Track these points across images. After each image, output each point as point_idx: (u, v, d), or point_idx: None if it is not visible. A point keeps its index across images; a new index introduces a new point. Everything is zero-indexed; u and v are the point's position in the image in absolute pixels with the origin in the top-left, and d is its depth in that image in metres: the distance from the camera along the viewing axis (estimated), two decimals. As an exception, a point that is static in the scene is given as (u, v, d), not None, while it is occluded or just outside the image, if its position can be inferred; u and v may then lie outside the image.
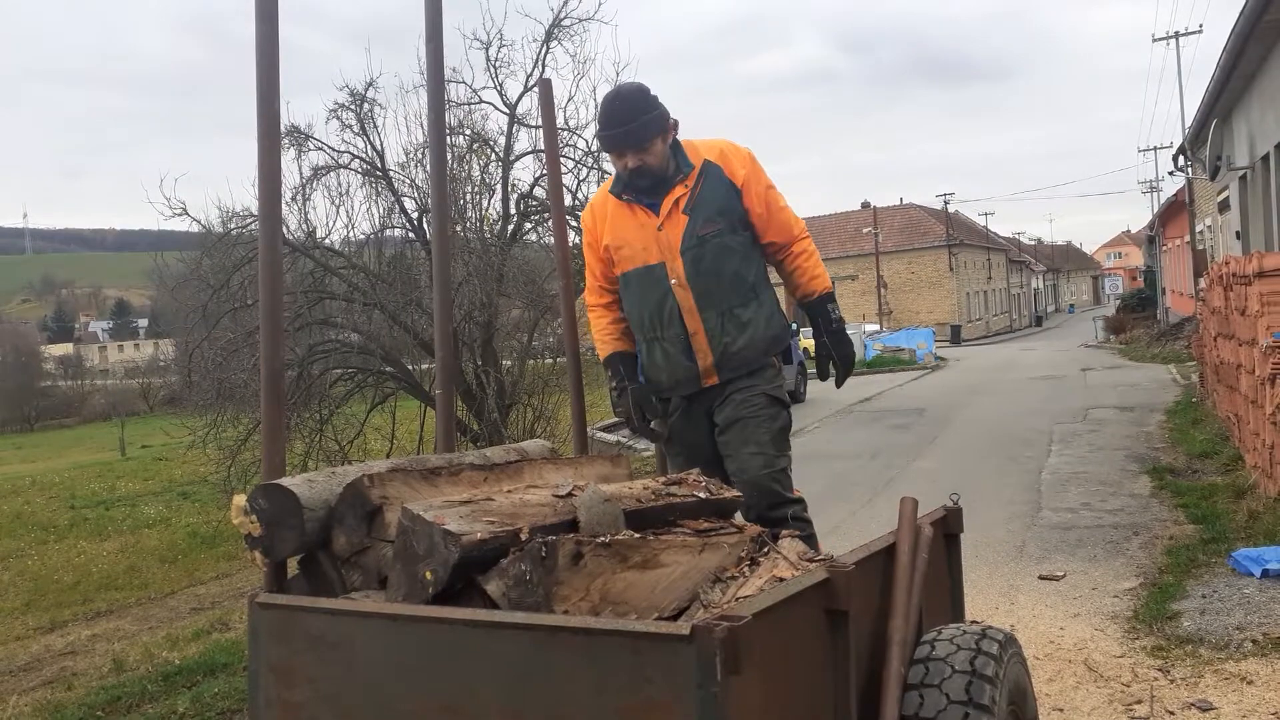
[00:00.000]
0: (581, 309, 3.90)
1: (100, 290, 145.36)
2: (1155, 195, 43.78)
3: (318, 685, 2.23)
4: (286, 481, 2.40)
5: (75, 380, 53.92)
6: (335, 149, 10.73)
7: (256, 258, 3.54)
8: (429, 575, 2.17)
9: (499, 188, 11.21)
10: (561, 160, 8.41)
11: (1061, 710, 3.67)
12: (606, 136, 3.30)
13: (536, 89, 10.13)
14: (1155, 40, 32.12)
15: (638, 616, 2.11)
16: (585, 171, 11.00)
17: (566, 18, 10.80)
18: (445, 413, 3.28)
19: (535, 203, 11.18)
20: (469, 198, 10.95)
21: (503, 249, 10.71)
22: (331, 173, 10.79)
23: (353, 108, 10.60)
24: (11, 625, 7.53)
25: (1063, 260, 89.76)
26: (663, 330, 3.35)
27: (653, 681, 1.79)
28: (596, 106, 12.44)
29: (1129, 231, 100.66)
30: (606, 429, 14.85)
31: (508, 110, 10.95)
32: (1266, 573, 4.95)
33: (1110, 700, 3.73)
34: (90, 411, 46.39)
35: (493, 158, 11.20)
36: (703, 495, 2.88)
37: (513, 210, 11.27)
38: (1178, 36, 31.29)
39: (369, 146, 10.70)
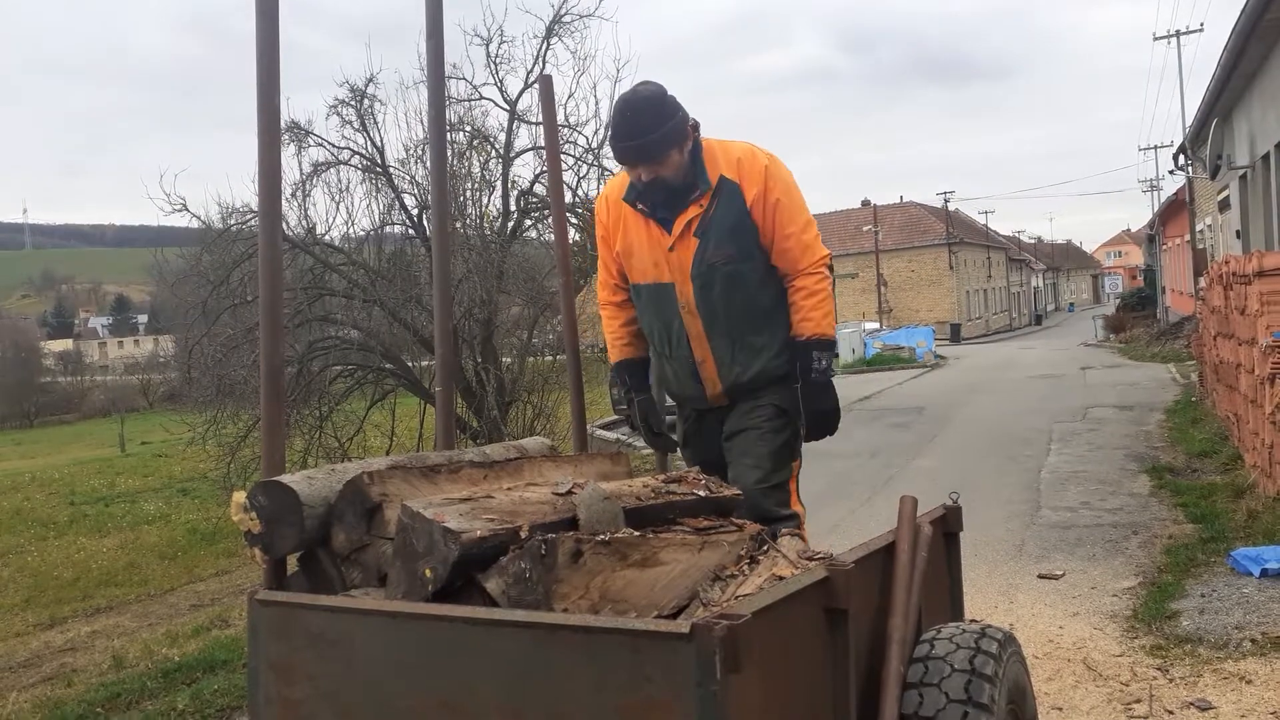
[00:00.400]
0: (581, 306, 3.89)
1: (100, 286, 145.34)
2: (1155, 194, 43.80)
3: (317, 682, 2.23)
4: (286, 478, 2.40)
5: (75, 376, 53.92)
6: (335, 145, 10.75)
7: (256, 254, 3.54)
8: (428, 573, 2.17)
9: (499, 184, 11.22)
10: (562, 157, 8.40)
11: (1060, 709, 3.68)
12: (618, 148, 3.08)
13: (537, 85, 10.12)
14: (1156, 39, 32.15)
15: (637, 614, 2.11)
16: (585, 168, 11.01)
17: (567, 14, 10.82)
18: (445, 410, 3.28)
19: (535, 199, 11.18)
20: (469, 194, 10.95)
21: (503, 246, 10.71)
22: (331, 169, 10.81)
23: (353, 104, 10.61)
24: (11, 621, 7.53)
25: (1062, 259, 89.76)
26: (672, 350, 3.28)
27: (652, 680, 1.79)
28: (597, 103, 12.44)
29: (1129, 230, 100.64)
30: (606, 426, 14.85)
31: (508, 107, 10.96)
32: (1265, 572, 4.96)
33: (1109, 699, 3.73)
34: (90, 407, 46.39)
35: (493, 154, 11.21)
36: (702, 493, 2.89)
37: (513, 207, 11.28)
38: (1179, 35, 31.31)
39: (369, 143, 10.72)
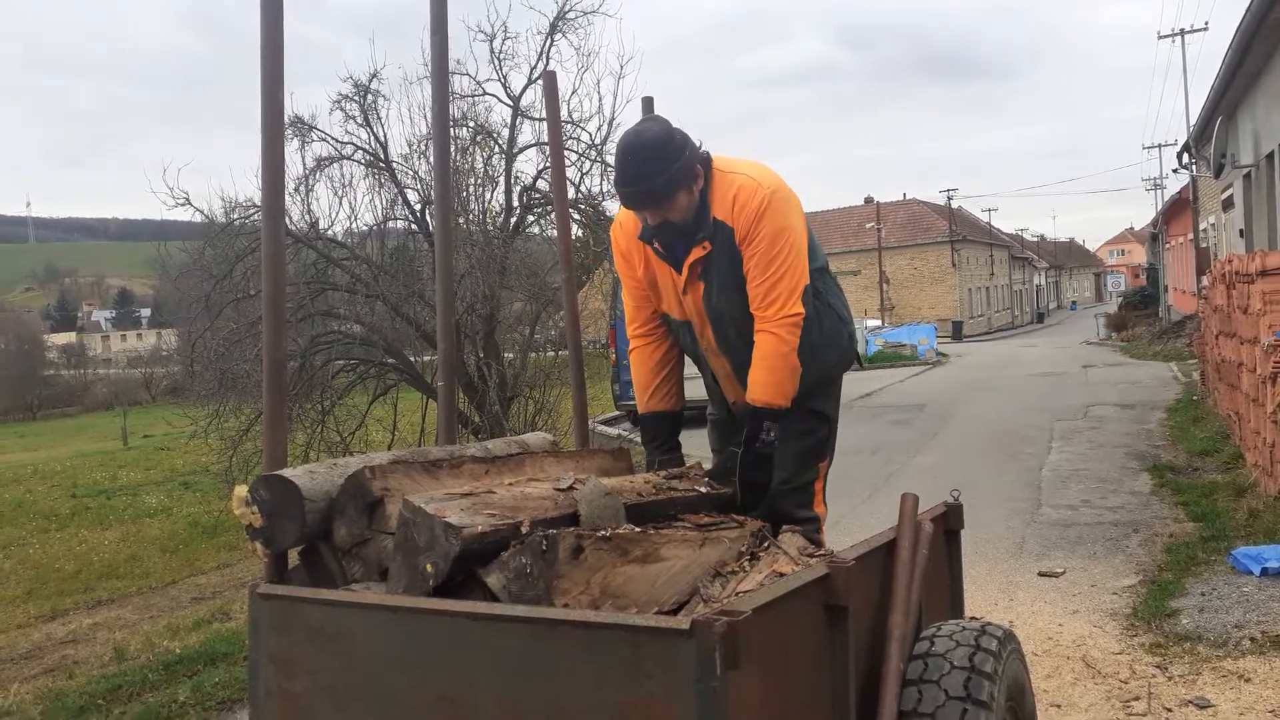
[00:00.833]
0: (583, 302, 3.89)
1: (103, 279, 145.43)
2: (1159, 193, 43.78)
3: (318, 676, 2.24)
4: (288, 472, 2.41)
5: (78, 369, 53.94)
6: (339, 140, 10.72)
7: (259, 248, 3.54)
8: (429, 568, 2.17)
9: (502, 180, 11.20)
10: (565, 153, 8.41)
11: (1059, 706, 3.68)
12: (622, 194, 2.93)
13: (540, 82, 10.13)
14: (1161, 37, 32.09)
15: (638, 610, 2.12)
16: (588, 164, 10.99)
17: (571, 10, 10.78)
18: (447, 405, 3.28)
19: (538, 195, 11.17)
20: (472, 190, 10.93)
21: (505, 241, 10.69)
22: (335, 164, 10.78)
23: (356, 99, 10.58)
24: (13, 613, 7.54)
25: (1065, 257, 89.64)
26: (705, 379, 3.32)
27: (652, 676, 1.80)
28: (600, 99, 12.44)
29: (1132, 229, 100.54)
30: (608, 422, 14.86)
31: (511, 103, 10.94)
32: (1266, 571, 4.96)
33: (1108, 697, 3.74)
34: (93, 401, 46.41)
35: (496, 150, 11.19)
36: (703, 489, 2.89)
37: (515, 203, 11.26)
38: (1183, 34, 31.25)
39: (372, 138, 10.69)
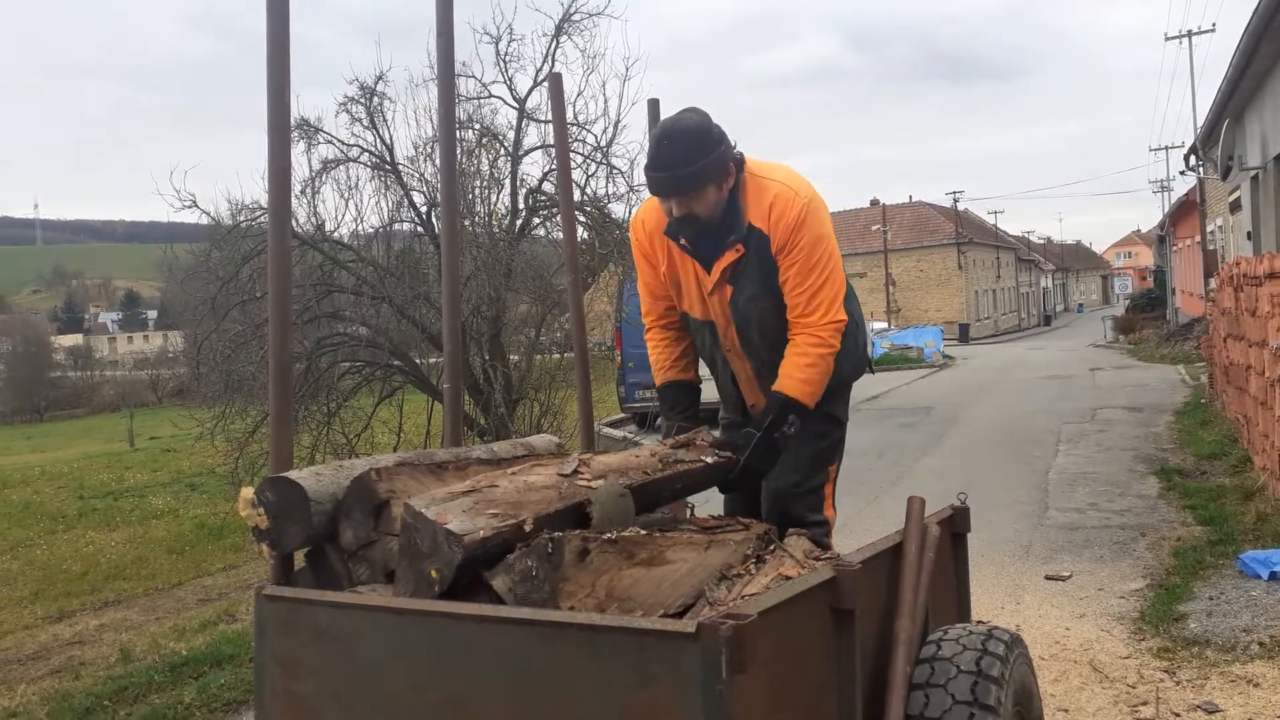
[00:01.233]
0: (589, 304, 3.89)
1: (110, 281, 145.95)
2: (1166, 195, 43.74)
3: (323, 678, 2.24)
4: (294, 474, 2.41)
5: (85, 371, 54.08)
6: (345, 142, 10.72)
7: (266, 250, 3.55)
8: (434, 574, 2.17)
9: (508, 182, 11.19)
10: (571, 155, 8.40)
11: (1067, 711, 3.67)
12: (650, 179, 2.91)
13: (546, 84, 10.12)
14: (1168, 39, 32.08)
15: (643, 613, 2.11)
16: (594, 166, 10.98)
17: (576, 12, 10.77)
18: (453, 407, 3.29)
19: (544, 197, 11.17)
20: (478, 192, 10.93)
21: (511, 244, 10.69)
22: (341, 166, 10.78)
23: (362, 101, 10.58)
24: (20, 614, 7.56)
25: (1072, 259, 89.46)
26: (721, 384, 3.29)
27: (657, 679, 1.79)
28: (606, 101, 12.44)
29: (1139, 231, 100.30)
30: (613, 424, 14.86)
31: (517, 105, 10.94)
32: (1274, 575, 4.94)
33: (1115, 701, 3.72)
34: (99, 402, 46.52)
35: (502, 152, 11.19)
36: (709, 459, 2.87)
37: (521, 205, 11.26)
38: (1190, 35, 31.22)
39: (378, 140, 10.69)
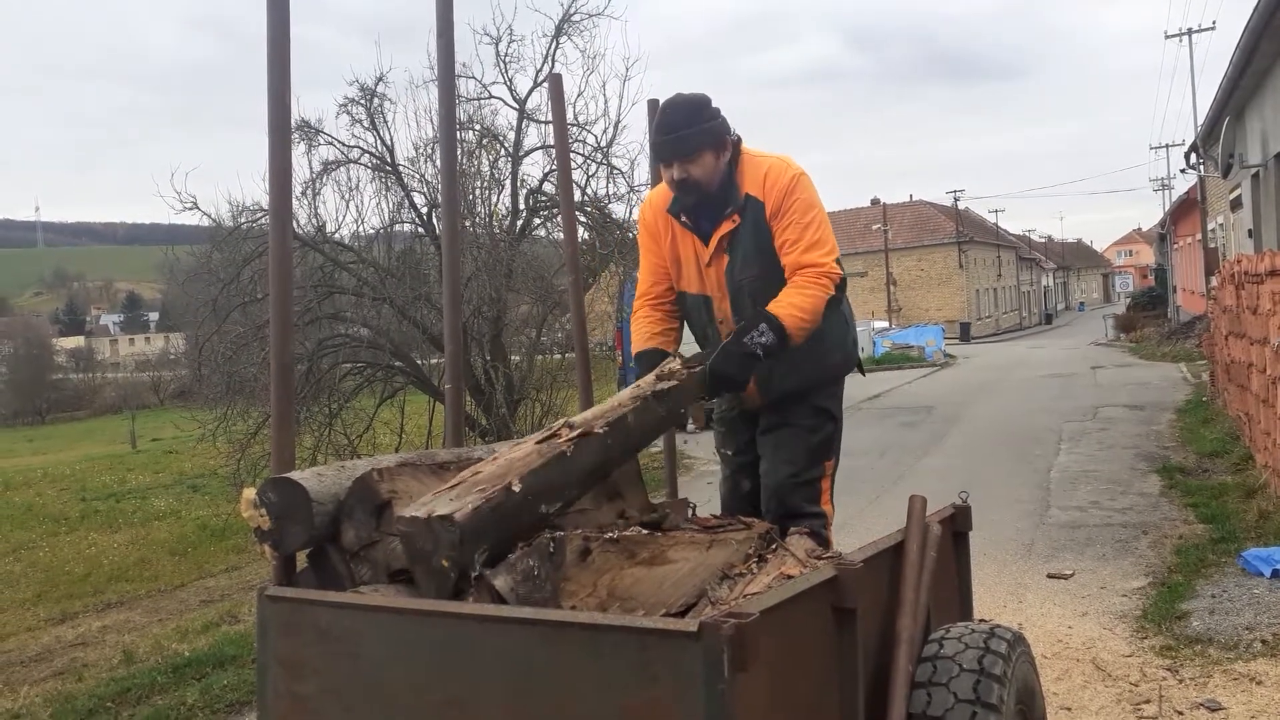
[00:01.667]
0: (590, 305, 3.91)
1: (112, 283, 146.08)
2: (1167, 193, 43.70)
3: (326, 678, 2.24)
4: (296, 475, 2.41)
5: (86, 373, 54.10)
6: (345, 144, 10.74)
7: (267, 252, 3.55)
8: (445, 563, 2.18)
9: (508, 183, 11.21)
10: (571, 156, 8.40)
11: (1069, 709, 3.67)
12: (654, 143, 3.17)
13: (546, 84, 10.13)
14: (1168, 37, 32.04)
15: (645, 612, 2.12)
16: (594, 167, 11.00)
17: (576, 13, 10.79)
18: (454, 407, 3.29)
19: (544, 198, 11.18)
20: (478, 193, 10.94)
21: (511, 244, 10.70)
22: (341, 167, 10.80)
23: (363, 102, 10.60)
24: (23, 616, 7.56)
25: (1073, 258, 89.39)
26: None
27: (659, 678, 1.79)
28: (606, 102, 12.47)
29: (1140, 229, 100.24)
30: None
31: (517, 105, 10.95)
32: (1277, 573, 4.94)
33: (1118, 700, 3.72)
34: (101, 404, 46.53)
35: (502, 153, 11.20)
36: (684, 375, 2.84)
37: (522, 205, 11.27)
38: (1190, 33, 31.20)
39: (379, 141, 10.71)
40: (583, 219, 10.96)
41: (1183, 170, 27.08)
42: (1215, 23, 40.20)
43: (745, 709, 1.76)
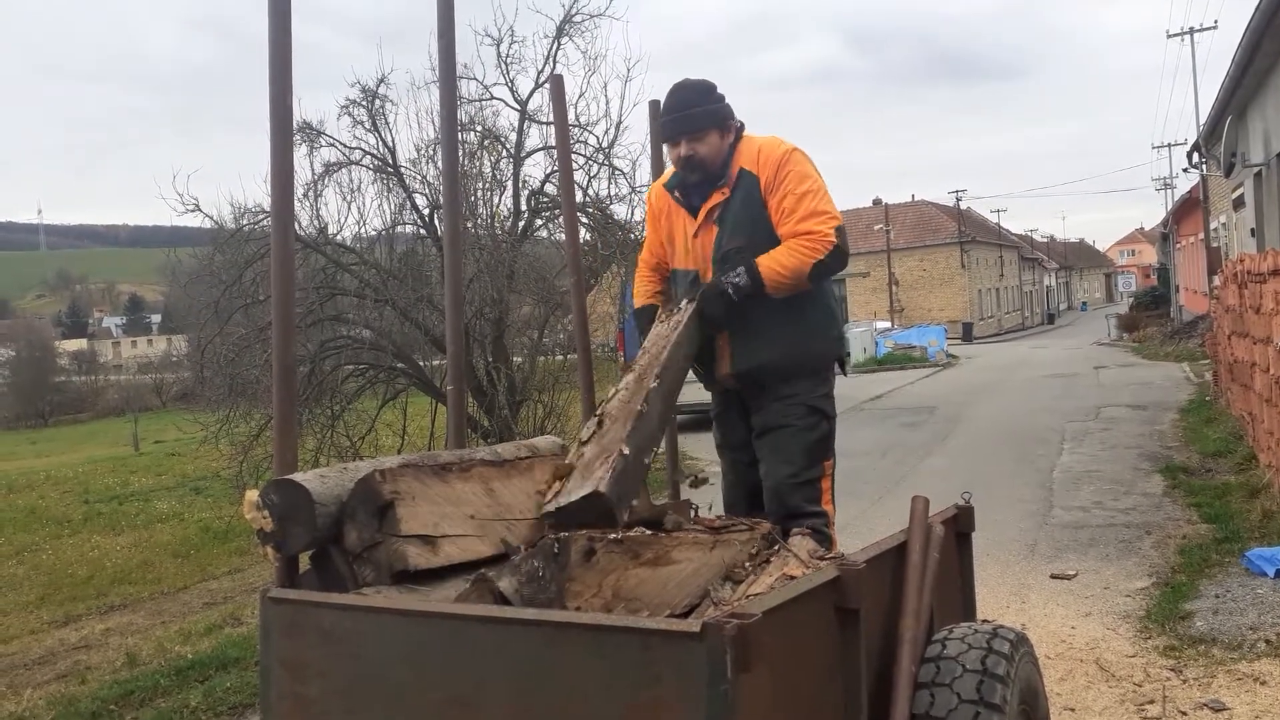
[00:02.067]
0: (592, 306, 3.95)
1: (114, 286, 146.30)
2: (1169, 192, 43.61)
3: (329, 680, 2.24)
4: (298, 477, 2.41)
5: (89, 375, 54.11)
6: (347, 145, 10.72)
7: (269, 254, 3.56)
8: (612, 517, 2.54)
9: (510, 184, 11.19)
10: (572, 157, 8.40)
11: (1073, 710, 3.66)
12: (663, 123, 3.31)
13: (548, 85, 10.13)
14: (1170, 36, 31.96)
15: (649, 613, 2.12)
16: (596, 168, 10.99)
17: (577, 14, 10.77)
18: (456, 409, 3.29)
19: (546, 199, 11.17)
20: (480, 194, 10.93)
21: (513, 245, 10.70)
22: (343, 169, 10.79)
23: (364, 104, 10.59)
24: (25, 619, 7.56)
25: (1075, 257, 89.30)
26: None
27: (663, 679, 1.79)
28: (608, 102, 12.47)
29: (1142, 229, 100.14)
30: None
31: (519, 107, 10.94)
32: (1280, 573, 4.93)
33: (1122, 700, 3.72)
34: (104, 406, 46.57)
35: (504, 154, 11.19)
36: (681, 309, 3.17)
37: (524, 207, 11.26)
38: (1192, 33, 31.15)
39: (380, 143, 10.70)
40: (584, 220, 10.95)
41: (1185, 169, 27.05)
42: (1217, 22, 40.32)
43: (748, 709, 1.76)
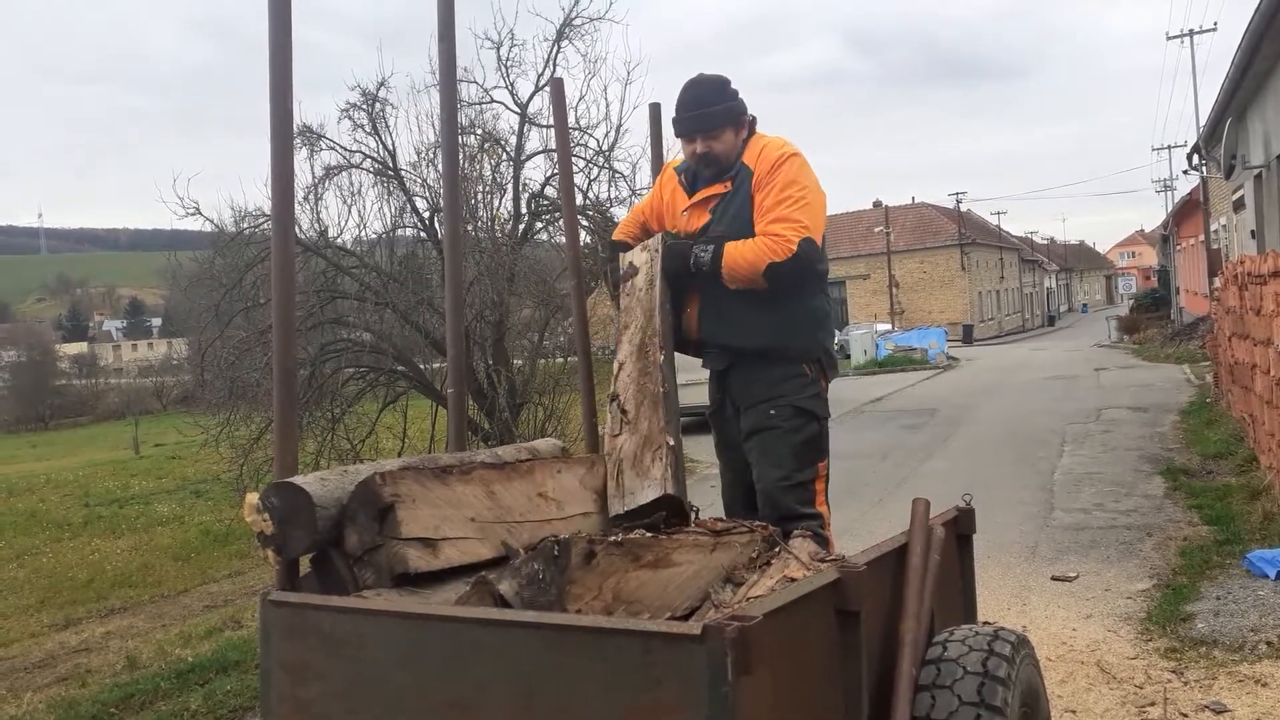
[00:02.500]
0: (592, 309, 3.95)
1: (114, 289, 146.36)
2: (1169, 194, 43.59)
3: (329, 682, 2.24)
4: (299, 480, 2.41)
5: (89, 379, 54.16)
6: (347, 148, 10.73)
7: (269, 257, 3.56)
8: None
9: (510, 187, 11.20)
10: (572, 160, 8.41)
11: (1074, 712, 3.66)
12: (679, 120, 3.34)
13: (548, 88, 10.13)
14: (1169, 38, 31.99)
15: (650, 615, 2.12)
16: (596, 171, 10.99)
17: (577, 17, 10.77)
18: (457, 411, 3.29)
19: (546, 202, 11.17)
20: (480, 197, 10.93)
21: (514, 248, 10.70)
22: (343, 172, 10.79)
23: (364, 107, 10.59)
24: (26, 622, 7.57)
25: (1075, 260, 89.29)
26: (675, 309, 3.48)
27: (663, 681, 1.79)
28: (608, 106, 12.47)
29: (1142, 231, 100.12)
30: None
31: (519, 110, 10.94)
32: (1281, 574, 4.92)
33: (1123, 702, 3.71)
34: (104, 410, 46.59)
35: (504, 157, 11.19)
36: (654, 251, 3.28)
37: (524, 210, 11.26)
38: (1192, 34, 31.17)
39: (381, 146, 10.70)
40: (584, 223, 10.95)
41: (1185, 171, 27.02)
42: (1217, 24, 40.26)
43: (749, 712, 1.76)
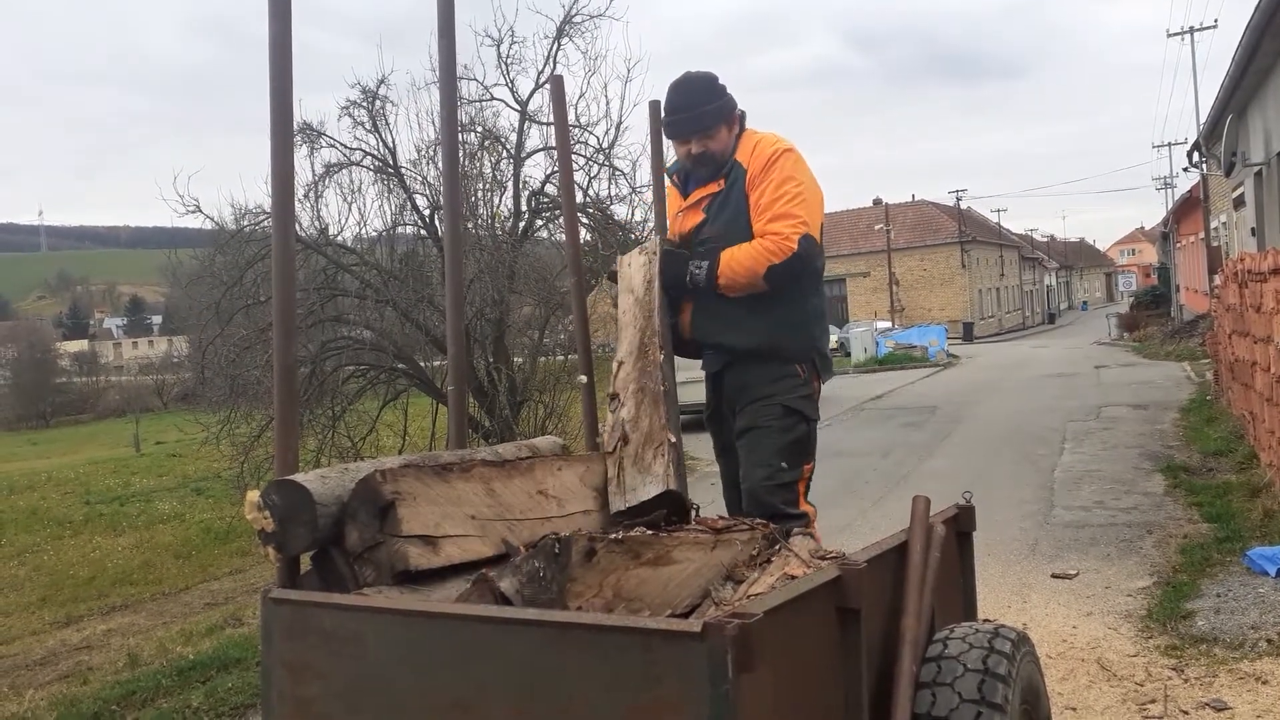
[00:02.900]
0: (592, 306, 3.94)
1: (115, 287, 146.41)
2: (1169, 192, 43.59)
3: (330, 680, 2.24)
4: (299, 477, 2.41)
5: (90, 377, 54.15)
6: (347, 146, 10.72)
7: (269, 255, 3.56)
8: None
9: (510, 185, 11.19)
10: (573, 157, 8.40)
11: (1075, 709, 3.66)
12: (671, 122, 3.33)
13: (548, 86, 10.13)
14: (1170, 35, 31.93)
15: (650, 613, 2.12)
16: (596, 168, 10.99)
17: (578, 14, 10.76)
18: (457, 409, 3.29)
19: (547, 200, 11.17)
20: (480, 195, 10.93)
21: (514, 246, 10.70)
22: (344, 170, 10.79)
23: (365, 105, 10.59)
24: (28, 620, 7.58)
25: (1076, 257, 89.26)
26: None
27: (664, 679, 1.79)
28: (608, 103, 12.46)
29: (1143, 228, 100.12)
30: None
31: (519, 107, 10.93)
32: (1282, 572, 4.92)
33: (1124, 700, 3.71)
34: (105, 408, 46.59)
35: (504, 155, 11.18)
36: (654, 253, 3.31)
37: (524, 207, 11.26)
38: (1193, 32, 31.13)
39: (381, 144, 10.69)
40: (585, 220, 10.95)
41: (1185, 169, 27.00)
42: (1217, 21, 40.22)
43: (750, 709, 1.76)
